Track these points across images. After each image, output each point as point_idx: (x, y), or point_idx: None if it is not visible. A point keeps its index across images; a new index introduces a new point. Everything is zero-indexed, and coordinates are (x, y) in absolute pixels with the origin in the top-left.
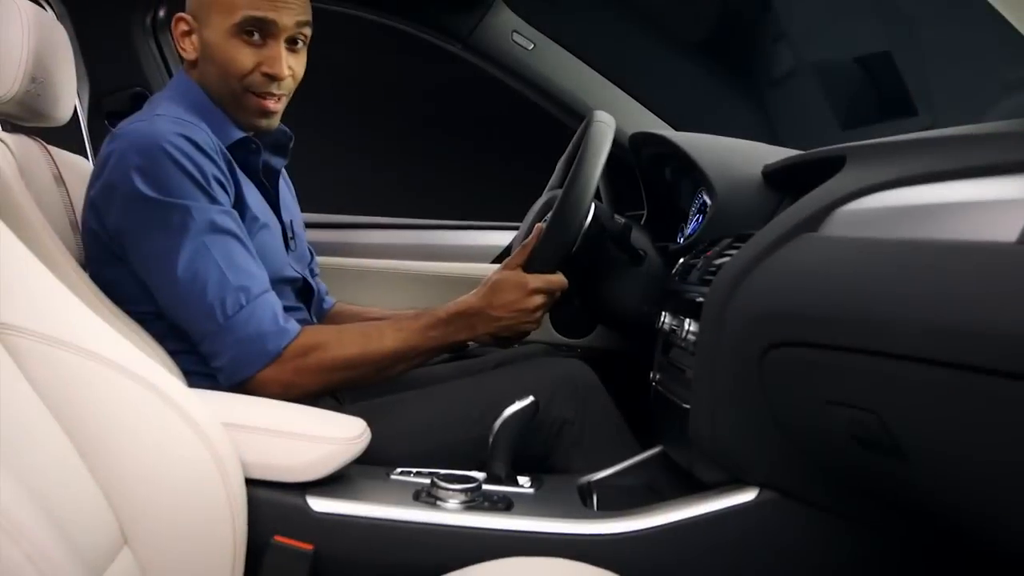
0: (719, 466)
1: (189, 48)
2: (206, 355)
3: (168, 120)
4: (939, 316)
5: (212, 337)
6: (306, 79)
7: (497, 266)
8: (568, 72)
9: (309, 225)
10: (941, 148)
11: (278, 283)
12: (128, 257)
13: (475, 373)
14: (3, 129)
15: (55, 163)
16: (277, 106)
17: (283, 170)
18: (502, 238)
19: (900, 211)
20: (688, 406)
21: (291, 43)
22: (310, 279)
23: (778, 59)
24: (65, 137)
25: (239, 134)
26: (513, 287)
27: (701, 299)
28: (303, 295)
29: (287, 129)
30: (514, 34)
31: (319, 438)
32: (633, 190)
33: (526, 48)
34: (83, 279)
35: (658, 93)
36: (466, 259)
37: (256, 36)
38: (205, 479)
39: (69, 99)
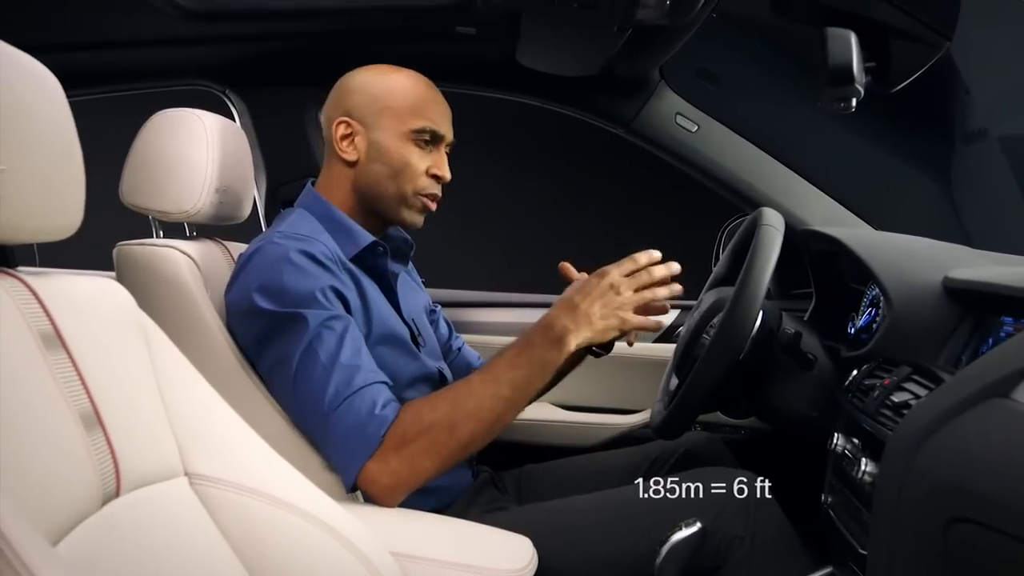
0: None
1: (350, 150)
2: (325, 456)
3: (285, 236)
4: None
5: (320, 433)
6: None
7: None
8: (733, 153)
9: (475, 304)
10: None
11: (417, 382)
12: (257, 369)
13: (639, 468)
14: (189, 234)
15: (234, 260)
16: (435, 206)
17: (410, 265)
18: (666, 317)
19: None
20: (864, 552)
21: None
22: (447, 371)
23: (961, 129)
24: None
25: (368, 239)
26: (590, 280)
27: (872, 430)
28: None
29: (408, 237)
30: (678, 116)
31: (489, 570)
32: (802, 269)
33: (689, 130)
34: (261, 399)
35: (827, 167)
36: None
37: (427, 143)
38: None
39: (249, 199)
